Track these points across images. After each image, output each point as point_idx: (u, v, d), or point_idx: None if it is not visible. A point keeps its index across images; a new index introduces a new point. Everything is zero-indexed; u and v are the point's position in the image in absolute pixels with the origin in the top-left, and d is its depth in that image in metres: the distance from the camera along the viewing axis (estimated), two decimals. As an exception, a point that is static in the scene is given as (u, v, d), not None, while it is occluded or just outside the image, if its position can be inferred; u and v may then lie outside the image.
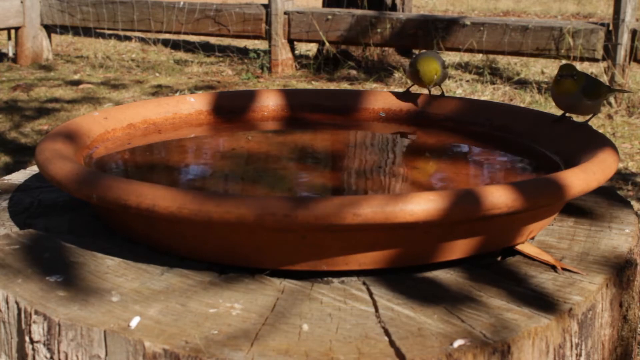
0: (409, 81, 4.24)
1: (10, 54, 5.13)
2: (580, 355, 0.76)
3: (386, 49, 4.82)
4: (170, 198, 0.73)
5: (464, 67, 4.68)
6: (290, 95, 1.30)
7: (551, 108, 3.61)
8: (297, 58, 4.93)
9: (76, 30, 5.21)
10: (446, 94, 1.27)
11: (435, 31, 4.25)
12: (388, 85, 4.31)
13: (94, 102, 3.87)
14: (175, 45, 5.39)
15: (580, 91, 1.06)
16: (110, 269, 0.80)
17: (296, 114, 1.28)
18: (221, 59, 5.07)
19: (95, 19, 5.06)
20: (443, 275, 0.79)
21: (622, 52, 3.87)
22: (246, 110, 1.27)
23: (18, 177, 1.10)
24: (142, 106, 1.18)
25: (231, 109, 1.26)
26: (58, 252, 0.84)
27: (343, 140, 1.23)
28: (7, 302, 0.75)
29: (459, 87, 4.07)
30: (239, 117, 1.26)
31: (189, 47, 5.33)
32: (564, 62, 4.11)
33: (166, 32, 4.96)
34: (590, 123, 1.06)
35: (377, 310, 0.72)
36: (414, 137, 1.23)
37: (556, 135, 1.06)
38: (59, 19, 5.10)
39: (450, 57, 5.03)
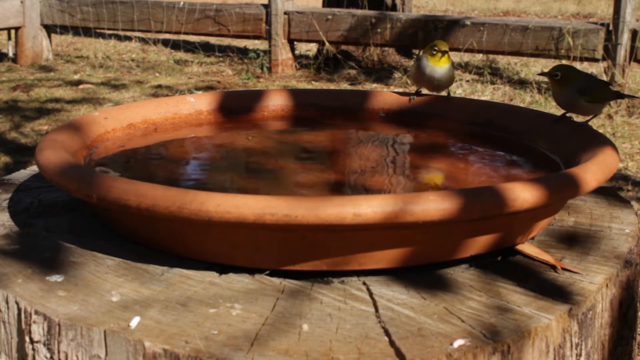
0: (409, 81, 4.24)
1: (10, 54, 5.13)
2: (580, 355, 0.76)
3: (386, 49, 4.82)
4: (170, 198, 0.73)
5: (464, 67, 4.68)
6: (290, 95, 1.30)
7: (551, 108, 3.61)
8: (297, 58, 4.93)
9: (76, 30, 5.21)
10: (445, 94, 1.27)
11: (435, 31, 4.25)
12: (388, 85, 4.31)
13: (94, 102, 3.87)
14: (175, 45, 5.39)
15: (576, 91, 1.06)
16: (110, 269, 0.80)
17: (296, 114, 1.28)
18: (221, 59, 5.07)
19: (95, 19, 5.06)
20: (443, 276, 0.79)
21: (622, 52, 3.87)
22: (246, 110, 1.27)
23: (18, 177, 1.10)
24: (142, 106, 1.18)
25: (231, 108, 1.26)
26: (58, 252, 0.84)
27: (343, 139, 1.23)
28: (7, 302, 0.75)
29: (459, 87, 4.07)
30: (239, 117, 1.26)
31: (189, 47, 5.33)
32: (564, 62, 4.11)
33: (166, 32, 4.96)
34: (590, 123, 1.07)
35: (377, 310, 0.72)
36: (414, 137, 1.23)
37: (556, 135, 1.06)
38: (59, 19, 5.10)
39: (451, 57, 5.02)
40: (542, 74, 1.10)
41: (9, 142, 3.20)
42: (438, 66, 1.22)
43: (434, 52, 1.22)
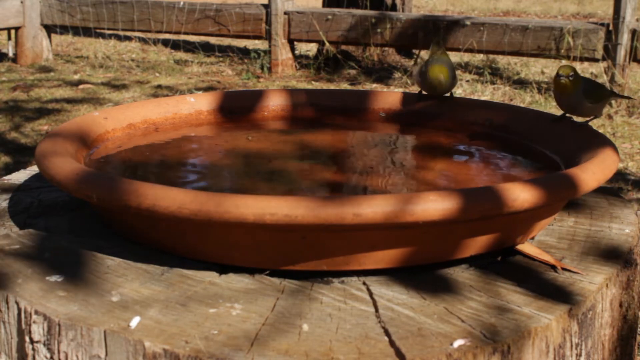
0: (409, 81, 4.24)
1: (10, 54, 5.13)
2: (580, 355, 0.76)
3: (386, 49, 4.82)
4: (170, 198, 0.73)
5: (464, 67, 4.68)
6: (290, 95, 1.30)
7: (551, 108, 3.61)
8: (297, 58, 4.93)
9: (76, 30, 5.21)
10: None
11: (435, 31, 4.25)
12: (388, 85, 4.31)
13: (94, 102, 3.87)
14: (175, 45, 5.39)
15: (582, 92, 1.06)
16: (110, 269, 0.80)
17: (296, 114, 1.29)
18: (221, 59, 5.07)
19: (95, 19, 5.06)
20: (443, 276, 0.79)
21: (622, 52, 3.87)
22: (246, 110, 1.27)
23: (18, 177, 1.10)
24: (142, 106, 1.18)
25: (231, 108, 1.26)
26: (58, 252, 0.84)
27: (343, 140, 1.23)
28: (7, 302, 0.75)
29: (459, 87, 4.07)
30: (239, 117, 1.26)
31: (189, 47, 5.33)
32: (564, 62, 4.11)
33: (166, 32, 4.96)
34: (590, 123, 1.06)
35: (377, 310, 0.72)
36: (414, 137, 1.23)
37: (556, 135, 1.06)
38: (59, 19, 5.10)
39: (451, 57, 5.02)
40: (559, 75, 1.06)
41: (9, 142, 3.20)
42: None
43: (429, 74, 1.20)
